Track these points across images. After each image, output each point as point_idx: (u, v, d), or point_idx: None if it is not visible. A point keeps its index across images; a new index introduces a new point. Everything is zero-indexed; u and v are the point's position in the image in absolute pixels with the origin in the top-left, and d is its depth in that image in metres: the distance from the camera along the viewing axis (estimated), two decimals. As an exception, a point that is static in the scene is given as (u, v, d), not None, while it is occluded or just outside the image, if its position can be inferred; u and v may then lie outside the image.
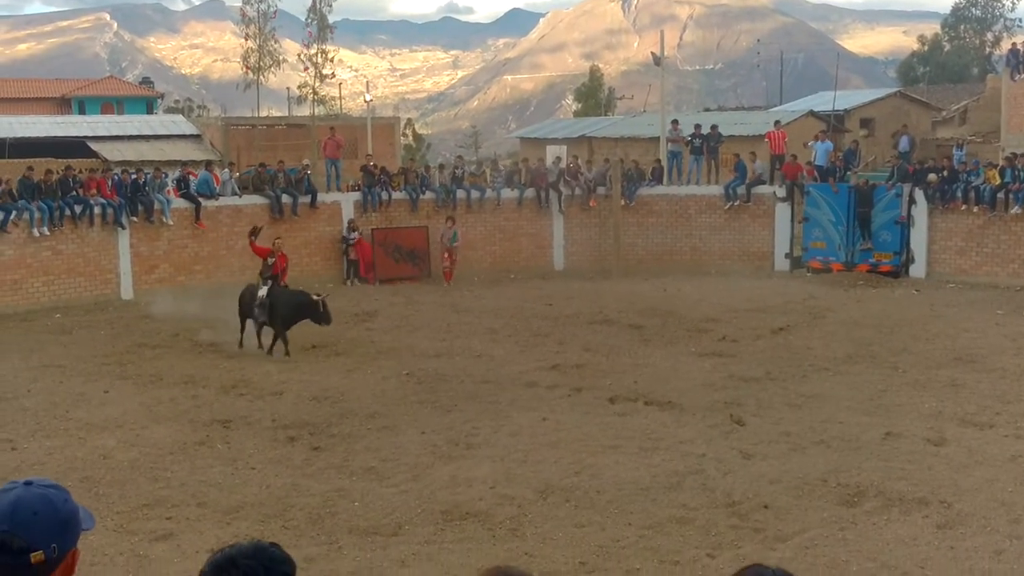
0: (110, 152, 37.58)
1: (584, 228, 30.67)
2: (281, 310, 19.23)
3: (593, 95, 77.12)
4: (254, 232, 21.06)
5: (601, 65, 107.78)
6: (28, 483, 2.73)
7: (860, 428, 13.86)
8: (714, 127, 31.80)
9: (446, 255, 27.95)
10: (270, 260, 20.19)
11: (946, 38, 74.55)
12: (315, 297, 19.41)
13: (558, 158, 33.62)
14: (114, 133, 40.55)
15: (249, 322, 19.77)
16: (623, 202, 30.16)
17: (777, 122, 33.40)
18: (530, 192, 30.51)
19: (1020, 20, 75.34)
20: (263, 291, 19.44)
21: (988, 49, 73.29)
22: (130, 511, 11.10)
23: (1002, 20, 73.85)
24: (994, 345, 19.29)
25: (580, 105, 78.71)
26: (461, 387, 16.64)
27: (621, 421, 14.53)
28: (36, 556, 2.64)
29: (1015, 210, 25.82)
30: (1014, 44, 35.82)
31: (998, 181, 26.35)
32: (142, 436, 13.99)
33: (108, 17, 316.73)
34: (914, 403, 15.26)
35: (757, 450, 13.00)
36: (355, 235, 28.11)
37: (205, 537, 10.23)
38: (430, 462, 12.77)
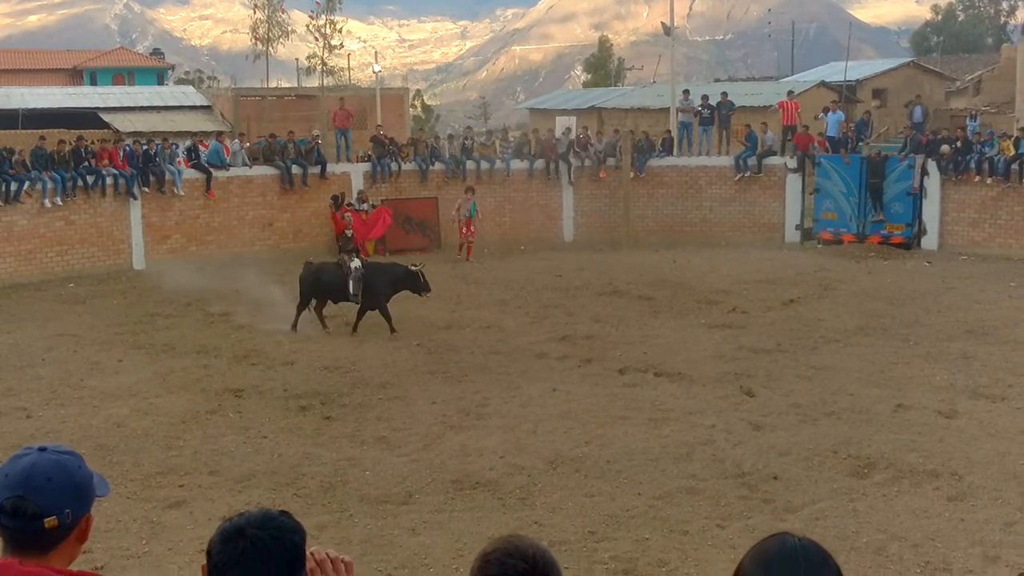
0: (121, 123, 37.58)
1: (594, 199, 30.60)
2: (380, 285, 18.60)
3: (602, 66, 76.79)
4: (337, 201, 20.32)
5: (610, 35, 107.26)
6: (42, 449, 2.75)
7: (871, 400, 13.87)
8: (724, 95, 31.69)
9: (462, 229, 27.33)
10: (349, 233, 19.49)
11: (960, 7, 74.07)
12: (412, 268, 18.92)
13: (567, 129, 33.52)
14: (125, 104, 40.57)
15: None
16: (633, 173, 30.08)
17: (790, 92, 33.26)
18: (540, 163, 30.44)
19: (1036, -11, 74.84)
20: (356, 263, 18.73)
21: (1003, 19, 72.85)
22: (143, 478, 11.19)
23: (1017, -11, 73.35)
24: (1006, 317, 19.24)
25: (589, 76, 78.42)
26: (471, 358, 16.69)
27: (631, 392, 14.56)
28: (50, 521, 2.66)
29: (1028, 181, 25.71)
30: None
31: (1012, 152, 26.20)
32: (155, 405, 14.07)
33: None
34: (925, 375, 15.25)
35: (767, 421, 13.02)
36: (364, 206, 27.94)
37: (217, 505, 10.30)
38: (441, 432, 12.82)
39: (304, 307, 18.80)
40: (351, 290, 18.56)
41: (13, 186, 23.93)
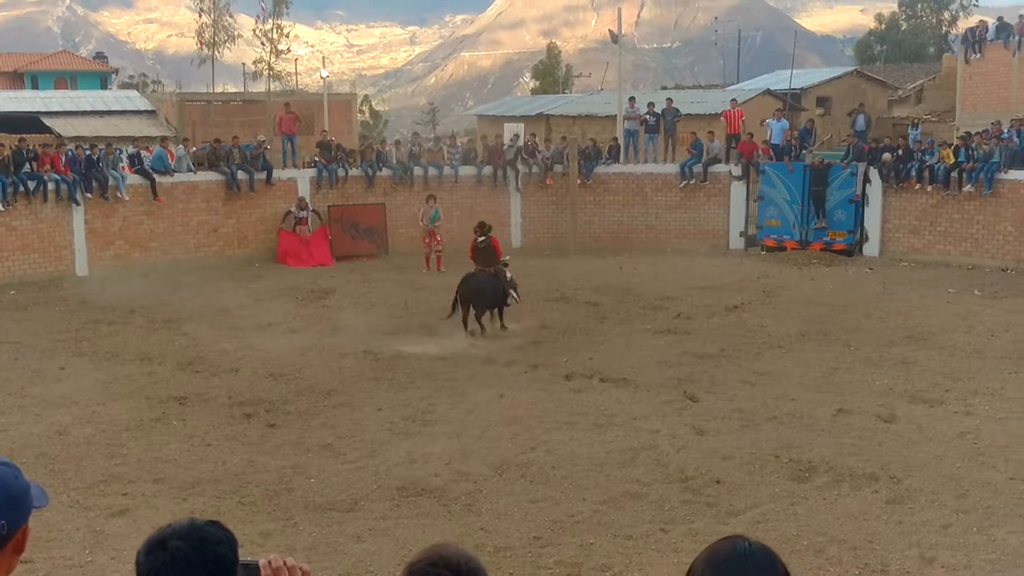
0: (64, 128, 37.20)
1: (541, 206, 30.72)
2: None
3: (551, 73, 77.07)
4: (485, 228, 20.24)
5: (559, 42, 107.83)
6: (-24, 461, 2.74)
7: (812, 405, 14.03)
8: (669, 101, 31.95)
9: (427, 238, 26.94)
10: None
11: (903, 17, 74.94)
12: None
13: (515, 136, 33.60)
14: (68, 108, 40.14)
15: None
16: (580, 180, 30.24)
17: (733, 100, 33.55)
18: (488, 170, 30.51)
19: (976, 0, 75.92)
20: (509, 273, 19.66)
21: (945, 28, 73.75)
22: (86, 487, 11.10)
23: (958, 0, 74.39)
24: (945, 323, 19.53)
25: (538, 83, 78.65)
26: (418, 364, 16.69)
27: (576, 397, 14.64)
28: None
29: (967, 189, 26.12)
30: (981, 22, 36.17)
31: (952, 160, 26.60)
32: (98, 413, 13.95)
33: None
34: (866, 380, 15.45)
35: (710, 426, 13.14)
36: (304, 213, 27.70)
37: (161, 513, 10.23)
38: (387, 439, 12.82)
39: (465, 313, 18.99)
40: (515, 299, 19.53)
41: (-47, 191, 23.65)
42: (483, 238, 19.74)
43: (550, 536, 9.84)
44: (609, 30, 37.81)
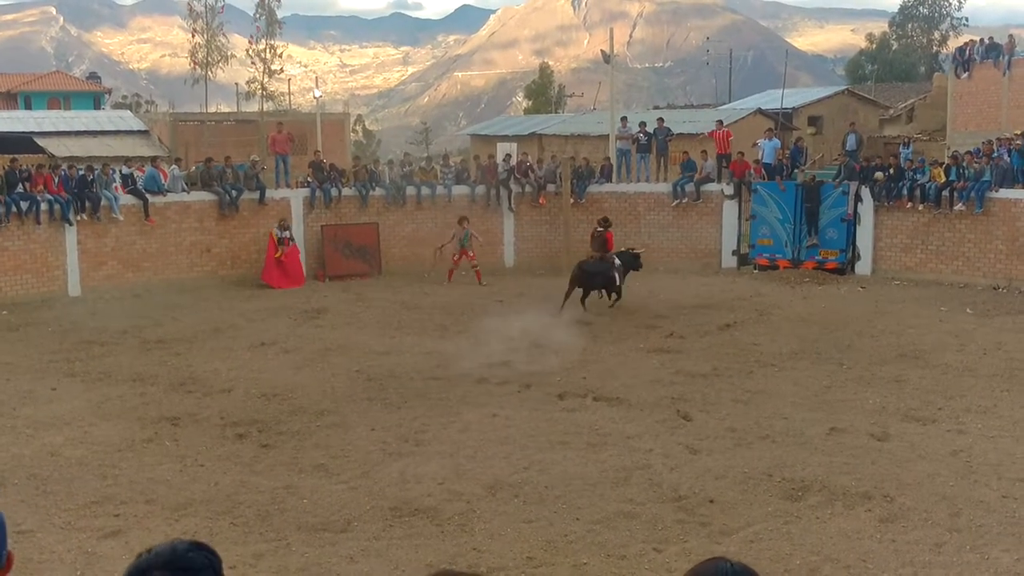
0: (57, 148, 37.23)
1: (534, 225, 30.75)
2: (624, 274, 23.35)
3: (543, 92, 77.26)
4: (607, 224, 23.89)
5: (551, 62, 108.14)
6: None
7: (805, 423, 14.04)
8: (660, 120, 32.01)
9: (456, 256, 27.36)
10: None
11: (894, 36, 75.30)
12: (637, 251, 24.56)
13: (508, 155, 33.64)
14: (61, 129, 40.19)
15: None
16: (572, 199, 30.28)
17: (719, 122, 33.62)
18: (480, 189, 30.55)
19: (966, 19, 76.42)
20: (618, 261, 23.17)
21: (935, 48, 74.17)
22: (78, 508, 11.05)
23: (949, 19, 74.79)
24: (937, 341, 19.55)
25: (531, 102, 78.83)
26: (411, 384, 16.67)
27: (569, 417, 14.62)
28: None
29: (959, 207, 26.18)
30: (970, 42, 36.35)
31: (943, 179, 26.68)
32: (90, 433, 13.92)
33: (54, 11, 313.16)
34: (858, 399, 15.46)
35: (703, 445, 13.14)
36: (286, 234, 27.59)
37: (153, 534, 10.19)
38: (380, 459, 12.80)
39: (570, 292, 22.39)
40: (618, 282, 22.90)
41: (-55, 212, 23.62)
42: (600, 229, 23.64)
43: (544, 556, 9.82)
44: (601, 50, 37.85)
